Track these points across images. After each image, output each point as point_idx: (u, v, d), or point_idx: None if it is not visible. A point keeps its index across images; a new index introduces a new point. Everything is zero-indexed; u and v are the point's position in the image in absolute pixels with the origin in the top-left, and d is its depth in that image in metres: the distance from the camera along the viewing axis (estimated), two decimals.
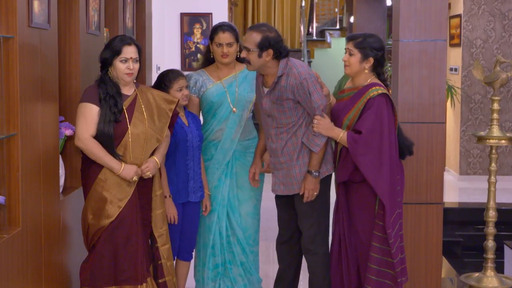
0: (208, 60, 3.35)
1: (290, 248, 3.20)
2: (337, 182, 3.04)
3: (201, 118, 3.38)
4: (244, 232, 3.35)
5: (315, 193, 3.00)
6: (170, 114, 2.91)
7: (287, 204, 3.14)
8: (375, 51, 2.92)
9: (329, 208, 3.12)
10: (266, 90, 3.05)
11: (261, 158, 3.31)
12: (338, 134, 2.91)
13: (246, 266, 3.37)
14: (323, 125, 2.91)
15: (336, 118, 2.99)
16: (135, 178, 2.80)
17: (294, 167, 3.02)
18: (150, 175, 2.86)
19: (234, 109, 3.26)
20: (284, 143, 3.02)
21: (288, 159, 3.03)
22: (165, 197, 3.05)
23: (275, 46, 2.94)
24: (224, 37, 3.21)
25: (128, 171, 2.77)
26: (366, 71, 2.95)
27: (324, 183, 3.05)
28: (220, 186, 3.30)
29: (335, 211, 3.08)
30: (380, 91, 2.88)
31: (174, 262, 3.16)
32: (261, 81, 3.08)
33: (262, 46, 2.93)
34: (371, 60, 2.93)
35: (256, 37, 2.95)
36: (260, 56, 2.95)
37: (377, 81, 2.97)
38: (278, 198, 3.19)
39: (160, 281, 2.97)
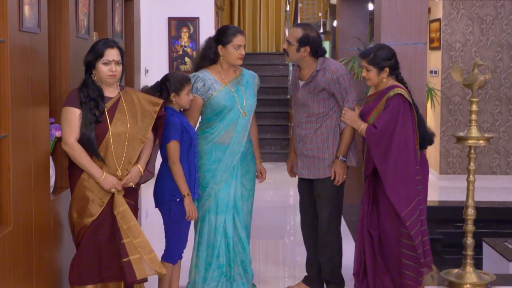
0: (210, 61, 3.35)
1: (313, 231, 3.49)
2: (364, 175, 3.30)
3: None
4: (245, 230, 3.43)
5: (344, 177, 3.34)
6: (155, 116, 2.91)
7: (308, 191, 3.47)
8: (387, 61, 3.20)
9: (343, 196, 3.44)
10: (301, 83, 3.36)
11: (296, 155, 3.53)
12: (360, 126, 3.25)
13: (245, 263, 3.43)
14: (350, 116, 3.28)
15: (362, 119, 3.29)
16: (113, 190, 2.79)
17: (320, 155, 3.34)
18: (133, 185, 2.87)
19: (244, 113, 3.32)
20: (314, 131, 3.35)
21: (315, 147, 3.35)
22: (187, 195, 3.07)
23: (313, 45, 3.26)
24: (243, 39, 3.32)
25: (108, 181, 2.77)
26: (384, 80, 3.23)
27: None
28: (227, 188, 3.35)
29: (361, 202, 3.35)
30: (396, 92, 3.16)
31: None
32: (298, 75, 3.40)
33: (302, 42, 3.26)
34: (387, 70, 3.22)
35: (298, 33, 3.28)
36: (298, 50, 3.28)
37: (396, 83, 3.24)
38: (301, 184, 3.52)
39: (124, 260, 2.79)
